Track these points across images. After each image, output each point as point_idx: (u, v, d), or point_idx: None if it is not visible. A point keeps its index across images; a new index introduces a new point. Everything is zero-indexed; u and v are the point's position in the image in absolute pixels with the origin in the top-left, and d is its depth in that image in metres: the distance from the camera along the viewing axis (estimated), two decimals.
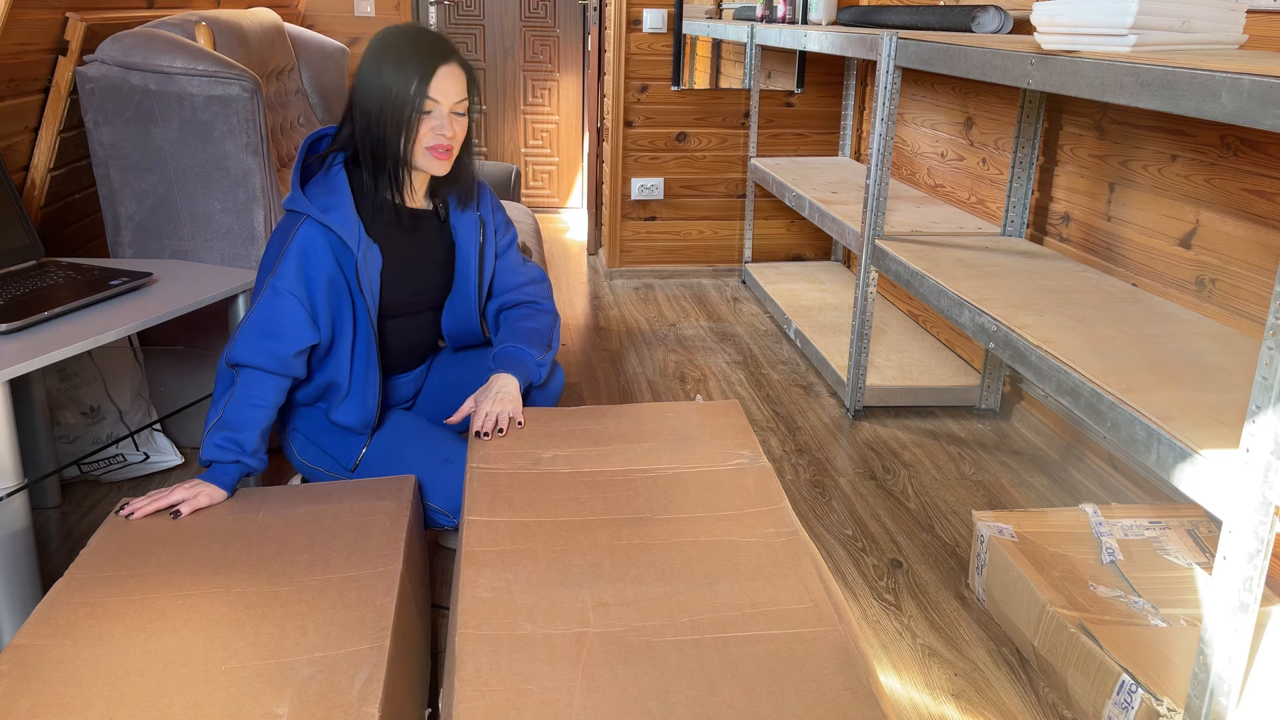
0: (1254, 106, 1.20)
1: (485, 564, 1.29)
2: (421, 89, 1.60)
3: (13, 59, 2.01)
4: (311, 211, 1.63)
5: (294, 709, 1.09)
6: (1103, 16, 1.53)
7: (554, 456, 1.61)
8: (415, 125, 1.62)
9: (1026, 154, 2.50)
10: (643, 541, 1.35)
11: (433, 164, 1.66)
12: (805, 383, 2.92)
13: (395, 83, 1.60)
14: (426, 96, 1.61)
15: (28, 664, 1.16)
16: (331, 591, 1.32)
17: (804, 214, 3.12)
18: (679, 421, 1.74)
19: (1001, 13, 2.33)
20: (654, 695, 1.04)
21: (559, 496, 1.48)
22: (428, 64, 1.60)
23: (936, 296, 2.11)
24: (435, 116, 1.63)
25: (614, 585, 1.24)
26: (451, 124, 1.64)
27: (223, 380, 1.65)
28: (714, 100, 3.87)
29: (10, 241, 1.85)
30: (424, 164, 1.67)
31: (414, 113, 1.61)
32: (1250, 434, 1.22)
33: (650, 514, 1.42)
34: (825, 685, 1.06)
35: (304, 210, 1.64)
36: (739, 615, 1.18)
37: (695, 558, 1.31)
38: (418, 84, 1.60)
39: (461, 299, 1.86)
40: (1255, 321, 1.82)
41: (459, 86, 1.64)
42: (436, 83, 1.61)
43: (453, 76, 1.63)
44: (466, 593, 1.23)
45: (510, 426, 1.71)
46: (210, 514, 1.53)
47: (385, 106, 1.61)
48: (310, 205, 1.64)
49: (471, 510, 1.44)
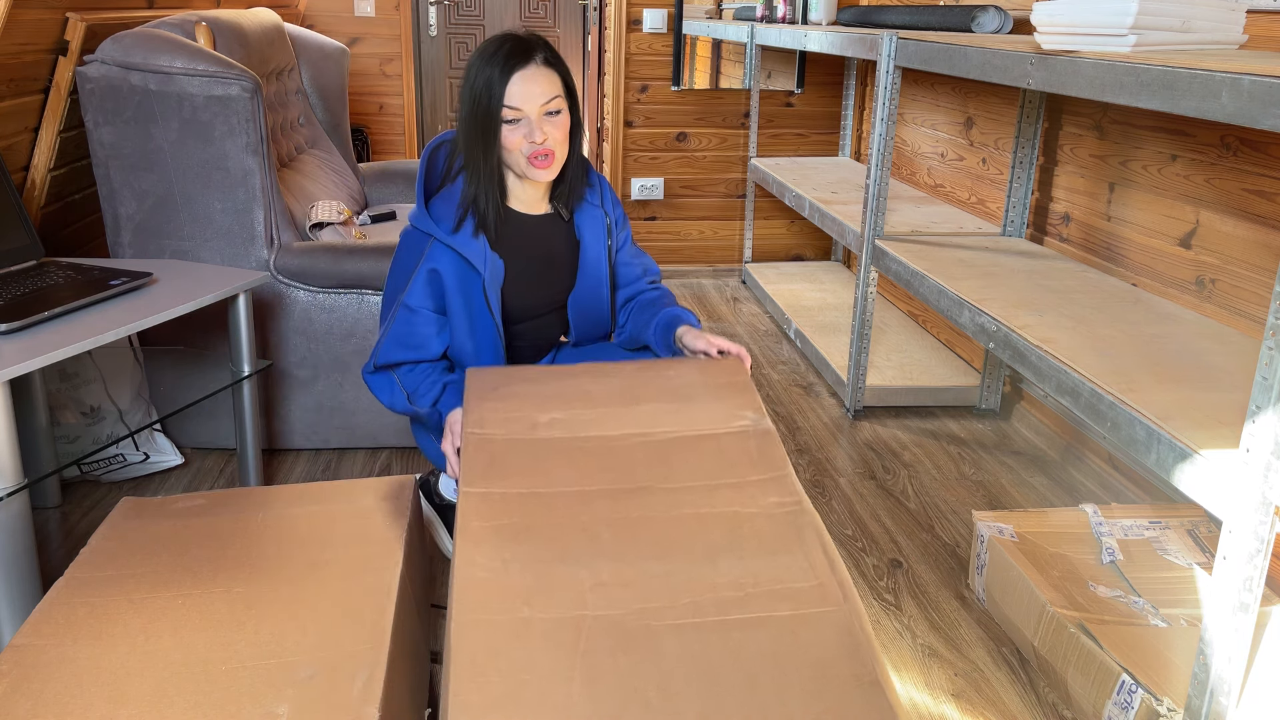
0: (1254, 106, 1.20)
1: (481, 540, 1.28)
2: (499, 100, 1.56)
3: (13, 59, 2.01)
4: (437, 234, 1.65)
5: (294, 709, 1.09)
6: (1103, 16, 1.53)
7: (550, 420, 1.59)
8: (503, 138, 1.59)
9: (1026, 154, 2.50)
10: (642, 514, 1.34)
11: (535, 172, 1.62)
12: (805, 383, 2.92)
13: (479, 98, 1.58)
14: (505, 106, 1.56)
15: (28, 664, 1.16)
16: (331, 591, 1.32)
17: (804, 214, 3.12)
18: (680, 381, 1.68)
19: (1001, 13, 2.33)
20: (654, 685, 1.04)
21: (556, 464, 1.46)
22: (503, 72, 1.56)
23: (936, 296, 2.11)
24: (523, 125, 1.58)
25: (613, 564, 1.23)
26: (542, 128, 1.58)
27: (380, 382, 1.73)
28: (714, 100, 3.87)
29: (10, 241, 1.85)
30: (527, 173, 1.63)
31: (498, 125, 1.58)
32: (1250, 434, 1.22)
33: (650, 483, 1.41)
34: (830, 672, 1.06)
35: (430, 232, 1.65)
36: (742, 595, 1.18)
37: (696, 531, 1.30)
38: (495, 96, 1.56)
39: (590, 295, 1.83)
40: (1255, 321, 1.82)
41: (544, 86, 1.58)
42: (514, 90, 1.56)
43: (534, 78, 1.57)
44: (462, 573, 1.22)
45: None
46: (210, 514, 1.54)
47: (474, 125, 1.59)
48: (436, 228, 1.65)
49: (467, 480, 1.42)
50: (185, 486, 2.24)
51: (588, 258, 1.80)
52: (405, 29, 4.21)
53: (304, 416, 2.37)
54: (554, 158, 1.62)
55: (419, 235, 1.68)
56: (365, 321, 2.30)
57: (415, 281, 1.67)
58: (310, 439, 2.40)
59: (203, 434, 2.40)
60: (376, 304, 2.29)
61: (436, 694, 1.57)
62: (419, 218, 1.68)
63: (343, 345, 2.31)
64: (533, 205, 1.74)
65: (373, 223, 2.94)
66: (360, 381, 2.34)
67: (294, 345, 2.31)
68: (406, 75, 4.27)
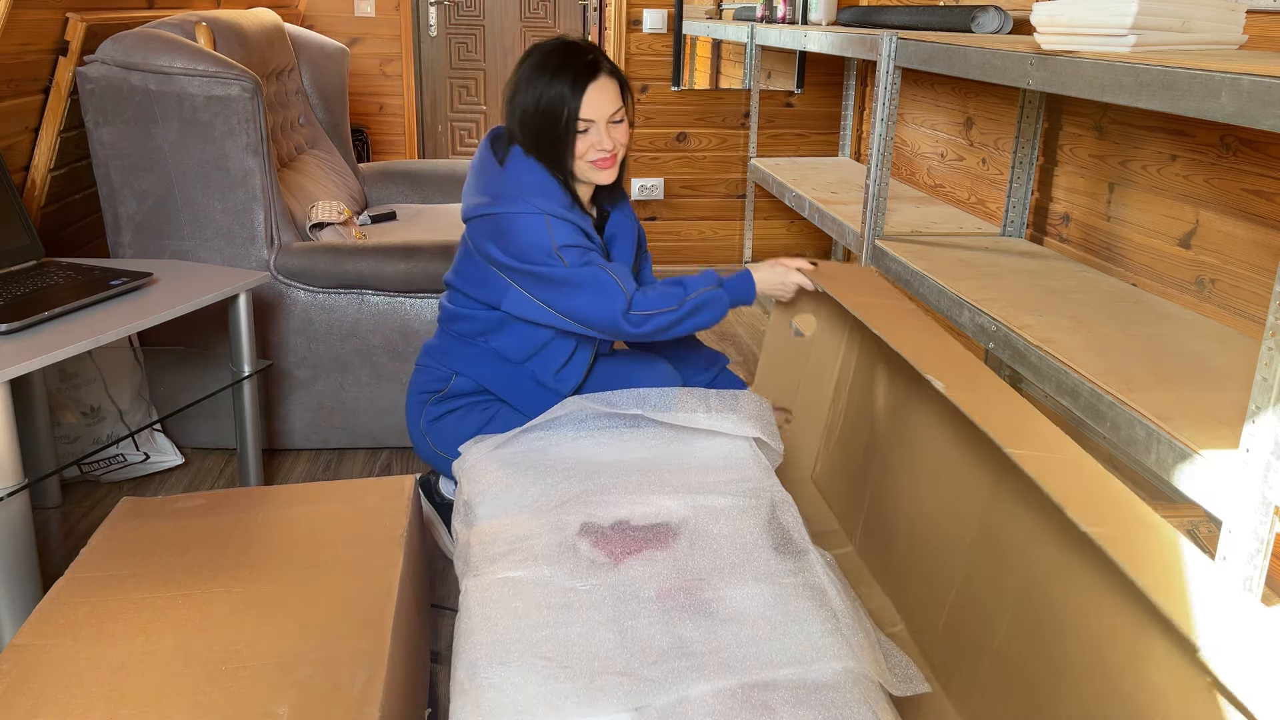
0: (1254, 106, 1.20)
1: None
2: (574, 113, 1.64)
3: (13, 59, 2.01)
4: (552, 211, 1.65)
5: (294, 709, 1.09)
6: (1103, 16, 1.53)
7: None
8: (574, 145, 1.66)
9: (1026, 154, 2.50)
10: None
11: (598, 175, 1.71)
12: None
13: (551, 111, 1.64)
14: (579, 118, 1.64)
15: (28, 663, 1.16)
16: (331, 591, 1.32)
17: (804, 214, 3.12)
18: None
19: (1001, 13, 2.33)
20: None
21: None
22: (575, 86, 1.63)
23: (936, 296, 2.11)
24: (593, 133, 1.67)
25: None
26: (610, 135, 1.68)
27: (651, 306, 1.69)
28: (714, 100, 3.87)
29: (10, 241, 1.85)
30: (588, 175, 1.71)
31: (571, 135, 1.65)
32: (1250, 434, 1.22)
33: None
34: None
35: (546, 211, 1.65)
36: None
37: None
38: (571, 109, 1.63)
39: None
40: (1255, 321, 1.82)
41: (612, 98, 1.67)
42: (588, 101, 1.64)
43: (604, 90, 1.66)
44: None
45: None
46: (210, 514, 1.53)
47: (543, 133, 1.65)
48: (549, 204, 1.66)
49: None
50: (185, 486, 2.24)
51: (619, 257, 1.85)
52: (405, 29, 4.21)
53: (304, 416, 2.37)
54: (616, 160, 1.72)
55: (531, 216, 1.66)
56: (365, 321, 2.31)
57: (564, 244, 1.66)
58: (310, 439, 2.40)
59: (203, 434, 2.40)
60: (377, 304, 2.30)
61: (437, 694, 1.57)
62: (522, 201, 1.65)
63: (343, 345, 2.31)
64: (584, 206, 1.81)
65: (373, 223, 2.94)
66: (360, 381, 2.34)
67: (294, 345, 2.31)
68: (406, 75, 4.27)
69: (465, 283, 1.76)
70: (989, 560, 1.36)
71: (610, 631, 1.23)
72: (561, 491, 1.53)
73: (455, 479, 1.86)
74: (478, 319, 1.77)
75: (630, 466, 1.60)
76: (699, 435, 1.67)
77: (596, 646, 1.20)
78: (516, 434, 1.68)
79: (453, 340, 1.82)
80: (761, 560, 1.37)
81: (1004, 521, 1.34)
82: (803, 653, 1.19)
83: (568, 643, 1.21)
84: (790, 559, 1.37)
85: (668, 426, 1.69)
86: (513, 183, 1.67)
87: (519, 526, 1.47)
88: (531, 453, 1.64)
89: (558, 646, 1.20)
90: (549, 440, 1.67)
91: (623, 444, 1.66)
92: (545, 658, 1.18)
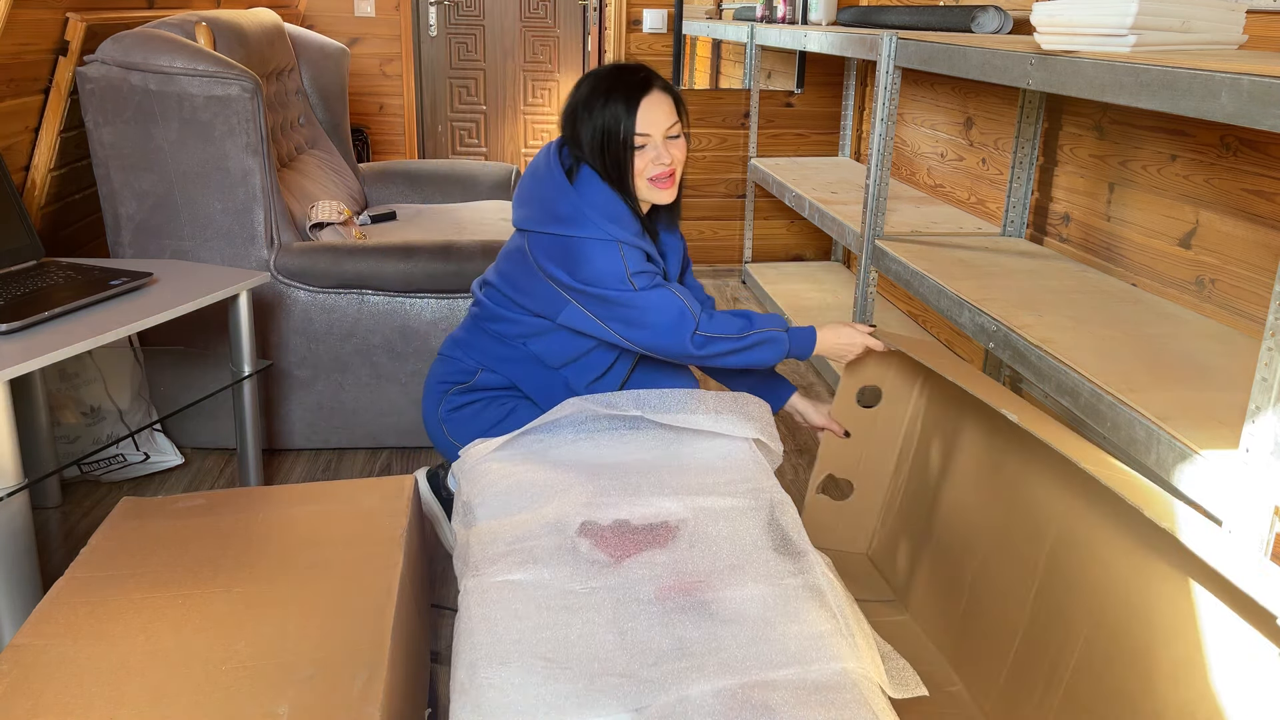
0: (1254, 106, 1.20)
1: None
2: (630, 130, 1.64)
3: (13, 59, 2.01)
4: (627, 239, 1.67)
5: (294, 709, 1.09)
6: (1103, 16, 1.53)
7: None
8: (633, 162, 1.67)
9: (1026, 154, 2.50)
10: None
11: (658, 194, 1.71)
12: (805, 383, 2.92)
13: (608, 131, 1.64)
14: (635, 134, 1.64)
15: (28, 663, 1.16)
16: (331, 591, 1.32)
17: (804, 214, 3.12)
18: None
19: (1001, 13, 2.33)
20: None
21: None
22: (629, 103, 1.64)
23: (936, 296, 2.11)
24: (650, 148, 1.67)
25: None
26: (668, 150, 1.68)
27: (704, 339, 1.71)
28: (714, 100, 3.87)
29: (10, 241, 1.85)
30: (649, 195, 1.70)
31: (631, 153, 1.66)
32: (1250, 434, 1.22)
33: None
34: None
35: (620, 239, 1.67)
36: None
37: None
38: (627, 127, 1.64)
39: None
40: (1255, 321, 1.82)
41: (666, 113, 1.67)
42: (643, 118, 1.64)
43: (658, 105, 1.66)
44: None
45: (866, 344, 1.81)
46: (210, 514, 1.53)
47: (604, 153, 1.66)
48: (622, 232, 1.68)
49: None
50: (185, 486, 2.24)
51: (670, 275, 1.86)
52: (405, 29, 4.21)
53: (304, 416, 2.37)
54: (675, 178, 1.72)
55: (604, 244, 1.68)
56: (365, 321, 2.31)
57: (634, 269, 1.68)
58: (310, 439, 2.40)
59: (203, 434, 2.40)
60: (376, 304, 2.30)
61: (437, 694, 1.57)
62: (600, 228, 1.67)
63: (343, 345, 2.31)
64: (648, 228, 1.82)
65: (373, 223, 2.94)
66: (360, 381, 2.35)
67: (294, 345, 2.31)
68: (406, 75, 4.27)
69: (516, 291, 1.76)
70: (1055, 607, 1.39)
71: (610, 632, 1.23)
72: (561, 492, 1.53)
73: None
74: (523, 324, 1.77)
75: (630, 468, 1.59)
76: (699, 436, 1.67)
77: (596, 647, 1.20)
78: (517, 435, 1.68)
79: (487, 338, 1.81)
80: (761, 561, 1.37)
81: (1073, 564, 1.37)
82: (803, 653, 1.19)
83: (568, 643, 1.21)
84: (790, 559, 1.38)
85: (667, 428, 1.69)
86: (586, 205, 1.68)
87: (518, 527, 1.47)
88: (531, 454, 1.64)
89: (558, 647, 1.20)
90: (549, 442, 1.67)
91: (623, 445, 1.66)
92: (545, 658, 1.18)
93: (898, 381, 1.92)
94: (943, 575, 1.69)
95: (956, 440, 1.76)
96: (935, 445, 1.82)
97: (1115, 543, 1.32)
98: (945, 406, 1.81)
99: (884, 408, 1.93)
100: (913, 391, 1.91)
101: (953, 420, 1.78)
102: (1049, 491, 1.48)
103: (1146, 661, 1.21)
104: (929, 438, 1.85)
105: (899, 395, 1.92)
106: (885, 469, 1.95)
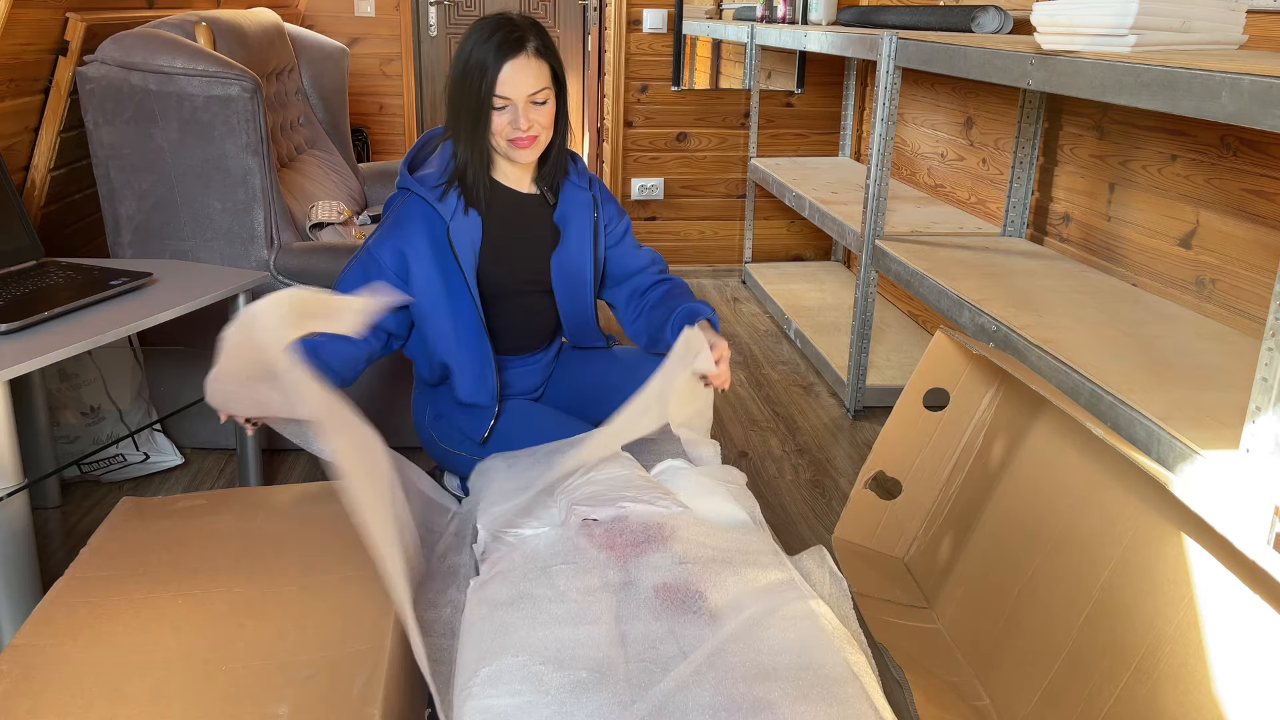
0: (1254, 106, 1.20)
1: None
2: (490, 88, 1.61)
3: (13, 59, 2.01)
4: (411, 185, 1.71)
5: (294, 709, 1.09)
6: (1103, 16, 1.53)
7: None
8: (489, 121, 1.65)
9: (1026, 154, 2.50)
10: None
11: (516, 153, 1.69)
12: (805, 383, 2.92)
13: (469, 80, 1.62)
14: (495, 95, 1.62)
15: (28, 664, 1.16)
16: (331, 591, 1.32)
17: (804, 214, 3.12)
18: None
19: (1001, 13, 2.33)
20: None
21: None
22: (495, 60, 1.60)
23: (936, 296, 2.11)
24: (509, 111, 1.64)
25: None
26: (527, 115, 1.64)
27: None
28: (714, 100, 3.86)
29: (10, 241, 1.85)
30: (508, 154, 1.70)
31: (488, 110, 1.63)
32: (1250, 434, 1.22)
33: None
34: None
35: (406, 185, 1.72)
36: None
37: None
38: (488, 82, 1.61)
39: (575, 278, 1.84)
40: (1255, 321, 1.82)
41: (533, 78, 1.63)
42: (505, 79, 1.61)
43: (524, 69, 1.62)
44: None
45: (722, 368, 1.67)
46: (210, 514, 1.53)
47: (463, 104, 1.64)
48: (410, 180, 1.72)
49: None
50: (185, 486, 2.24)
51: (571, 236, 1.82)
52: (405, 29, 4.21)
53: None
54: (536, 141, 1.69)
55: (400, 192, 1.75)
56: None
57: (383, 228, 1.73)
58: None
59: (203, 434, 2.39)
60: None
61: None
62: (401, 178, 1.75)
63: None
64: (517, 182, 1.79)
65: (373, 223, 2.93)
66: (359, 381, 2.34)
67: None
68: (406, 75, 4.26)
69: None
70: (1105, 634, 1.36)
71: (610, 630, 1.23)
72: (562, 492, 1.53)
73: (459, 476, 1.86)
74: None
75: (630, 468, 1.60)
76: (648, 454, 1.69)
77: (596, 645, 1.20)
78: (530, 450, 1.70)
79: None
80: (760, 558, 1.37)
81: (1129, 593, 1.34)
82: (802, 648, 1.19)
83: (567, 642, 1.21)
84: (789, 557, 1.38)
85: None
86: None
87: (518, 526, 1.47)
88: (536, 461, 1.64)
89: (558, 646, 1.20)
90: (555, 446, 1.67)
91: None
92: (545, 657, 1.18)
93: (969, 388, 1.88)
94: (983, 589, 1.65)
95: (1018, 455, 1.71)
96: (995, 457, 1.78)
97: (1179, 576, 1.27)
98: (1015, 416, 1.76)
99: (949, 412, 1.89)
100: (982, 402, 1.87)
101: (1018, 434, 1.73)
102: (1114, 518, 1.43)
103: (1198, 698, 1.17)
104: (989, 448, 1.81)
105: (967, 403, 1.88)
106: (939, 475, 1.91)
